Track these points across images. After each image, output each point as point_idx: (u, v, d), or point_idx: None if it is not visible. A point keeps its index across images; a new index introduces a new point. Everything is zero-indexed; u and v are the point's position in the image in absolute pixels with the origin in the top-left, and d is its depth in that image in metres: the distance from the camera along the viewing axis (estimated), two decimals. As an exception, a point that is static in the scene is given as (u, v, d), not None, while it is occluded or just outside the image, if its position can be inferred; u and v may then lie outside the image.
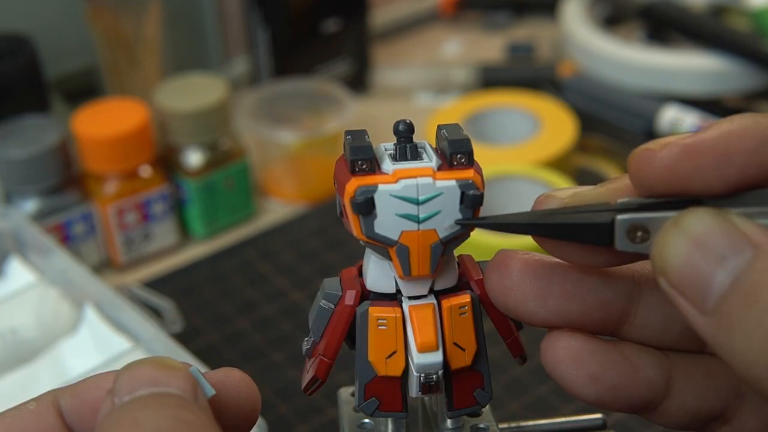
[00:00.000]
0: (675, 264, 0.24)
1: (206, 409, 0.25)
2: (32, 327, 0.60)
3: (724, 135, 0.26)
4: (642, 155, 0.26)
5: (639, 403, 0.29)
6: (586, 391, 0.29)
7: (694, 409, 0.29)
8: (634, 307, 0.29)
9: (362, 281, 0.31)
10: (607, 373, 0.28)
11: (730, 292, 0.23)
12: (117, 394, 0.25)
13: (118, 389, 0.25)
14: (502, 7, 1.07)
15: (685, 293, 0.24)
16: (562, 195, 0.29)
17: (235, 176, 0.77)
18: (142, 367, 0.25)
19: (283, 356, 0.65)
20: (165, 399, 0.24)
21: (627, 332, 0.30)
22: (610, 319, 0.29)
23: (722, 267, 0.24)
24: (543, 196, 0.30)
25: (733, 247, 0.24)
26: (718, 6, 0.94)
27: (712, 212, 0.24)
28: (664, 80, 0.87)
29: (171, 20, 0.86)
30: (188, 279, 0.73)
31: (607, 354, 0.29)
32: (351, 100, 0.81)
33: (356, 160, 0.28)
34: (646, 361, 0.29)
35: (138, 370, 0.25)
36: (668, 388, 0.29)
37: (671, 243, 0.24)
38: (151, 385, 0.25)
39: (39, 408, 0.27)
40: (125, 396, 0.25)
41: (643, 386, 0.29)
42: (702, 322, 0.24)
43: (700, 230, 0.24)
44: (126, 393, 0.25)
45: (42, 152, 0.69)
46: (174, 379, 0.25)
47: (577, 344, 0.29)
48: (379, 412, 0.31)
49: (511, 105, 0.84)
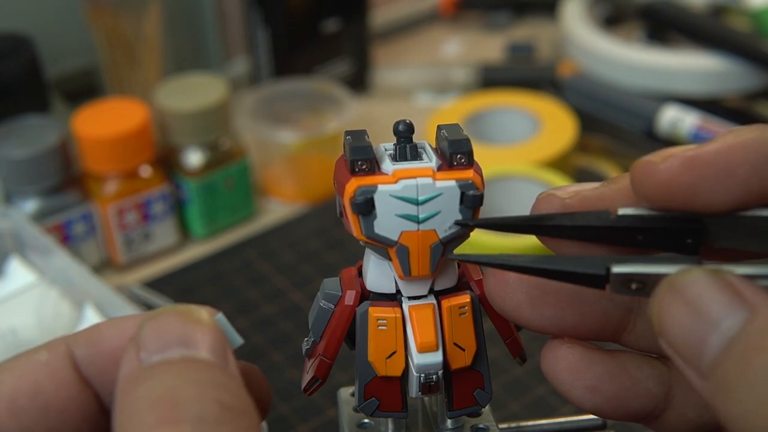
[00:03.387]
0: (671, 327, 0.24)
1: (237, 377, 0.24)
2: (32, 327, 0.60)
3: (728, 147, 0.25)
4: (644, 167, 0.26)
5: (638, 414, 0.29)
6: (583, 401, 0.29)
7: (693, 421, 0.29)
8: (632, 318, 0.29)
9: (362, 281, 0.31)
10: (605, 385, 0.28)
11: (724, 357, 0.23)
12: (144, 349, 0.24)
13: (145, 343, 0.24)
14: (502, 7, 1.07)
15: (683, 355, 0.24)
16: (563, 194, 0.29)
17: (235, 176, 0.77)
18: (169, 319, 0.24)
19: (283, 356, 0.65)
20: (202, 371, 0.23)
21: (626, 340, 0.29)
22: (607, 329, 0.29)
23: (716, 330, 0.23)
24: (544, 194, 0.29)
25: (726, 309, 0.23)
26: (718, 6, 0.94)
27: (707, 272, 0.24)
28: (664, 80, 0.87)
29: (171, 20, 0.86)
30: (188, 279, 0.73)
31: (605, 365, 0.29)
32: (351, 100, 0.81)
33: (356, 160, 0.28)
34: (646, 373, 0.29)
35: (166, 323, 0.24)
36: (668, 400, 0.29)
37: (666, 305, 0.24)
38: (182, 344, 0.24)
39: (52, 359, 0.25)
40: (154, 355, 0.23)
41: (642, 398, 0.28)
42: (700, 385, 0.23)
43: (694, 292, 0.23)
44: (155, 350, 0.23)
45: (42, 152, 0.69)
46: (204, 337, 0.24)
47: (575, 355, 0.29)
48: (379, 412, 0.31)
49: (511, 105, 0.84)
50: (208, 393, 0.23)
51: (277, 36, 0.88)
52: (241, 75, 0.94)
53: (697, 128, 0.81)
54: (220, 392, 0.23)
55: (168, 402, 0.22)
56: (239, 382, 0.24)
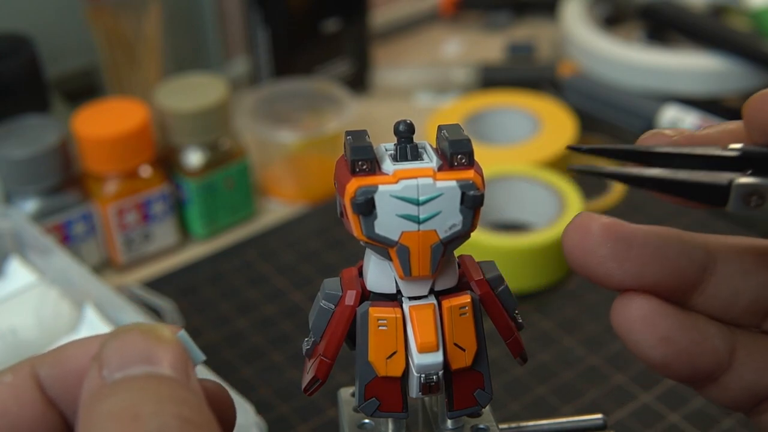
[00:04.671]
0: None
1: (198, 393, 0.24)
2: (32, 327, 0.60)
3: None
4: (760, 98, 0.26)
5: (703, 371, 0.29)
6: (654, 353, 0.29)
7: (751, 384, 0.29)
8: (706, 278, 0.30)
9: (362, 281, 0.31)
10: (677, 337, 0.29)
11: None
12: (106, 366, 0.24)
13: (107, 360, 0.24)
14: (502, 7, 1.07)
15: None
16: (670, 132, 0.29)
17: (235, 176, 0.77)
18: (132, 337, 0.25)
19: (283, 356, 0.65)
20: (163, 386, 0.24)
21: (694, 302, 0.30)
22: (682, 287, 0.29)
23: None
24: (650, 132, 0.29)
25: None
26: (718, 6, 0.94)
27: None
28: (664, 80, 0.87)
29: (171, 20, 0.86)
30: (188, 279, 0.73)
31: (677, 318, 0.29)
32: (351, 100, 0.81)
33: (357, 160, 0.28)
34: (713, 331, 0.29)
35: (128, 340, 0.24)
36: (731, 360, 0.29)
37: None
38: (144, 361, 0.24)
39: (16, 381, 0.26)
40: (116, 372, 0.24)
41: (710, 354, 0.29)
42: None
43: None
44: (117, 368, 0.24)
45: (42, 152, 0.69)
46: (166, 354, 0.24)
47: (650, 306, 0.29)
48: (380, 412, 0.31)
49: (511, 105, 0.84)
50: (169, 408, 0.23)
51: (277, 36, 0.88)
52: (241, 75, 0.94)
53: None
54: (181, 407, 0.23)
55: (128, 417, 0.23)
56: (200, 398, 0.24)
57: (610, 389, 0.61)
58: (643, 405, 0.60)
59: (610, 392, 0.61)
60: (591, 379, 0.61)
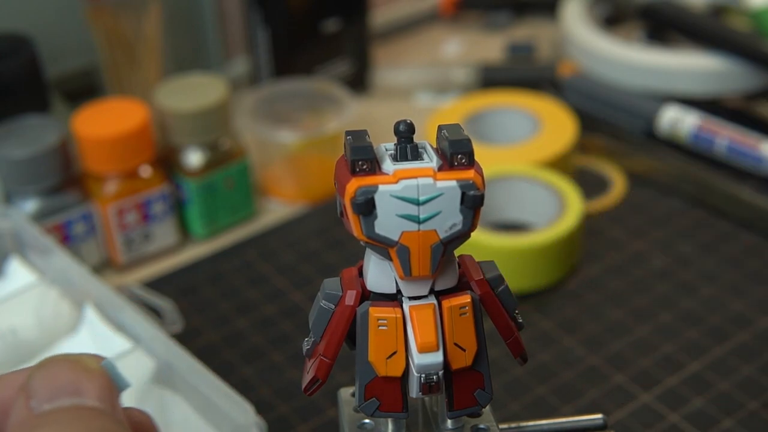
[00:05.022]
0: None
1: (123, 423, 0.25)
2: (32, 327, 0.60)
3: None
4: None
5: None
6: None
7: None
8: None
9: (362, 281, 0.31)
10: None
11: None
12: (34, 397, 0.24)
13: (35, 391, 0.24)
14: (502, 7, 1.07)
15: None
16: None
17: (235, 176, 0.77)
18: (60, 369, 0.25)
19: (283, 356, 0.65)
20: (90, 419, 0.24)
21: None
22: None
23: None
24: None
25: None
26: (718, 6, 0.94)
27: None
28: (664, 80, 0.87)
29: (171, 20, 0.86)
30: (188, 279, 0.73)
31: None
32: (351, 100, 0.81)
33: (357, 160, 0.28)
34: None
35: (56, 371, 0.25)
36: None
37: None
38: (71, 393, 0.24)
39: None
40: (45, 403, 0.24)
41: None
42: None
43: None
44: (45, 399, 0.24)
45: (42, 152, 0.69)
46: (92, 385, 0.25)
47: None
48: (380, 412, 0.31)
49: (511, 105, 0.84)
50: None
51: (277, 36, 0.88)
52: (241, 75, 0.94)
53: (697, 128, 0.81)
54: None
55: None
56: (125, 428, 0.25)
57: (610, 389, 0.61)
58: (643, 405, 0.60)
59: (610, 392, 0.61)
60: (591, 379, 0.61)
